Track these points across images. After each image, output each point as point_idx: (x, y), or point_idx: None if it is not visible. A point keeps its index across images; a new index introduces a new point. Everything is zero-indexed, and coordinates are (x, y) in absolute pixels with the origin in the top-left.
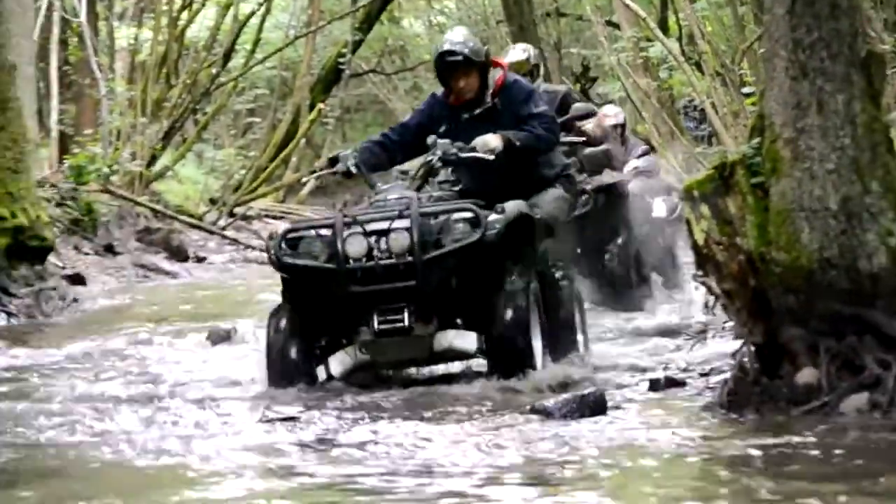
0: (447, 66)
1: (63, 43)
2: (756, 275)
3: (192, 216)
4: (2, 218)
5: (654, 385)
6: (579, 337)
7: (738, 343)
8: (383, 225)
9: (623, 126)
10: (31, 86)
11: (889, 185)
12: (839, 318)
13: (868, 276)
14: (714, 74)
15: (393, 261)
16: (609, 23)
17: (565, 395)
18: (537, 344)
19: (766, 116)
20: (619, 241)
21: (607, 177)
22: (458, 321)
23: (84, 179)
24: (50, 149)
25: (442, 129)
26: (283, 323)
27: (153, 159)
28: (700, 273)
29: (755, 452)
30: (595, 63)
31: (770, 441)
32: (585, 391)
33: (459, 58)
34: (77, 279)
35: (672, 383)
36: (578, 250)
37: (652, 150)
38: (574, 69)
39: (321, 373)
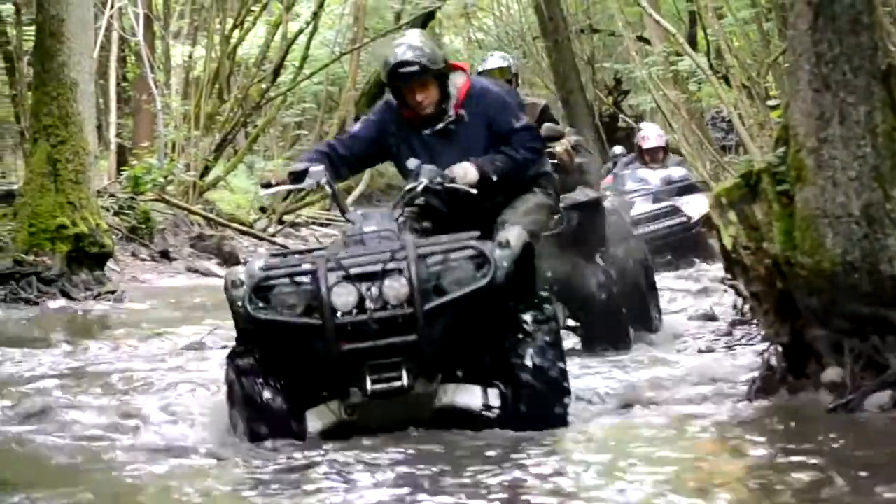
0: (401, 78)
1: (121, 60)
2: (782, 278)
3: (243, 223)
4: (64, 226)
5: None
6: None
7: (766, 344)
8: (373, 268)
9: (665, 149)
10: (91, 101)
11: None
12: (862, 319)
13: (889, 279)
14: (741, 87)
15: (389, 312)
16: (640, 38)
17: None
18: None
19: (791, 127)
20: (599, 261)
21: (580, 194)
22: (459, 373)
23: (141, 189)
24: (109, 160)
25: (397, 146)
26: (256, 369)
27: (206, 170)
28: (729, 276)
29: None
30: (627, 76)
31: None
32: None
33: (415, 68)
34: (134, 284)
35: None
36: (549, 274)
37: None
38: (607, 83)
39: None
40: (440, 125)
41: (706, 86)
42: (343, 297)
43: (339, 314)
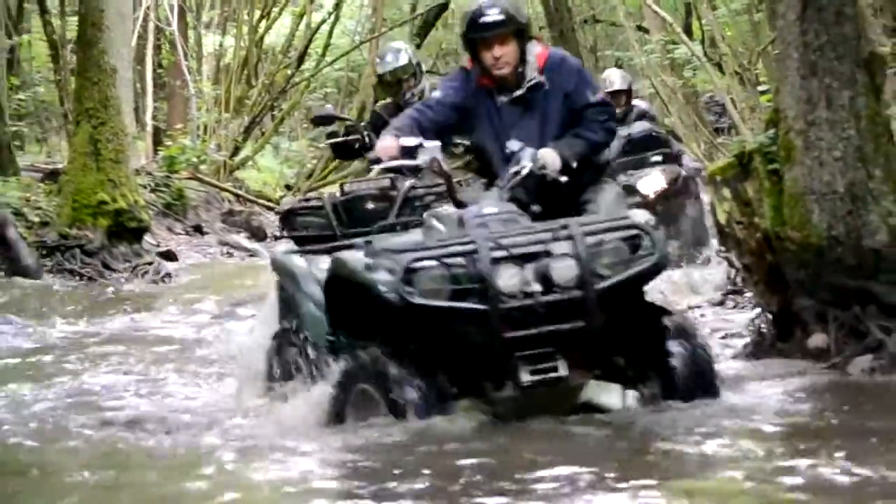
0: (484, 28)
1: (157, 49)
2: (772, 251)
3: (270, 200)
4: (104, 202)
5: None
6: None
7: (757, 311)
8: (535, 248)
9: (627, 91)
10: (129, 86)
11: (890, 171)
12: (845, 290)
13: (871, 252)
14: (733, 73)
15: (556, 296)
16: (639, 28)
17: None
18: None
19: (780, 111)
20: None
21: None
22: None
23: (175, 168)
24: (146, 141)
25: (472, 114)
26: (391, 365)
27: (236, 150)
28: (723, 249)
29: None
30: (627, 63)
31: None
32: None
33: (500, 17)
34: (169, 256)
35: None
36: None
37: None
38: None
39: None
40: (518, 92)
41: (701, 72)
42: (507, 279)
43: (503, 298)
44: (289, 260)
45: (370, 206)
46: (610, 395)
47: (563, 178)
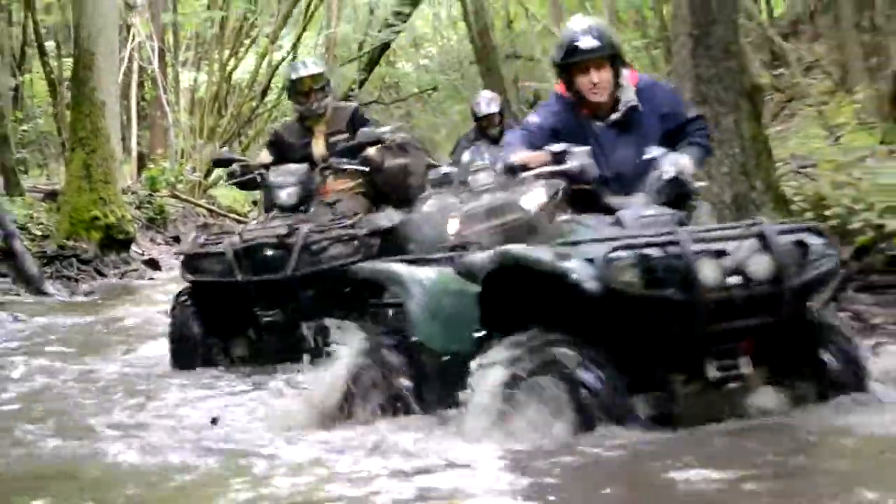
0: (581, 54)
1: (140, 85)
2: None
3: (239, 214)
4: (96, 218)
5: None
6: None
7: None
8: (727, 245)
9: (500, 114)
10: (116, 118)
11: (769, 183)
12: None
13: None
14: None
15: (752, 290)
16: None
17: None
18: None
19: None
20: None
21: (384, 219)
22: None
23: (157, 187)
24: (131, 165)
25: (570, 138)
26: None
27: (209, 172)
28: None
29: None
30: (545, 93)
31: None
32: None
33: (597, 43)
34: (152, 263)
35: None
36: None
37: None
38: (528, 98)
39: None
40: (615, 116)
41: None
42: (710, 272)
43: (707, 290)
44: (395, 269)
45: (269, 253)
46: (766, 398)
47: (699, 184)
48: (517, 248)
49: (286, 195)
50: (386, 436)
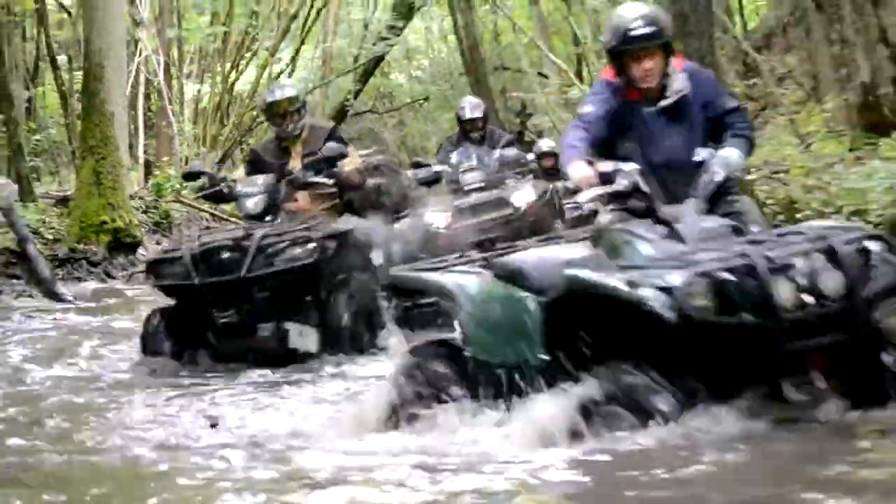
0: (634, 41)
1: (147, 96)
2: None
3: (240, 218)
4: (105, 222)
5: None
6: None
7: None
8: (797, 261)
9: (483, 118)
10: (124, 127)
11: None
12: None
13: None
14: None
15: (825, 308)
16: (540, 74)
17: None
18: None
19: None
20: (349, 291)
21: (342, 223)
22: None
23: (162, 193)
24: (138, 172)
25: (619, 125)
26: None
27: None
28: None
29: None
30: (531, 103)
31: None
32: None
33: (651, 29)
34: None
35: None
36: (308, 298)
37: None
38: (515, 108)
39: None
40: (665, 102)
41: None
42: (785, 292)
43: (784, 312)
44: (436, 277)
45: (225, 255)
46: (832, 406)
47: (746, 176)
48: (586, 274)
49: (252, 203)
50: (436, 445)
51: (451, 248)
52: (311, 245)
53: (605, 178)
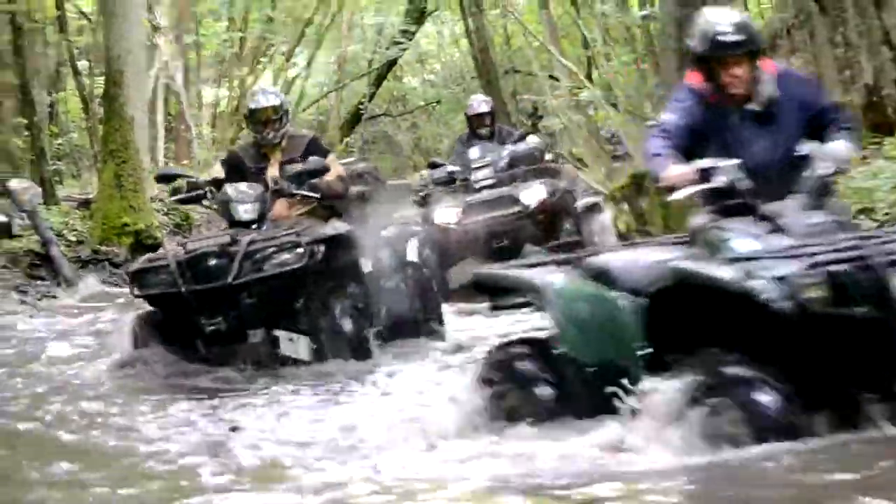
0: (725, 48)
1: (166, 100)
2: None
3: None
4: (127, 224)
5: None
6: None
7: None
8: None
9: (490, 114)
10: (144, 131)
11: None
12: None
13: None
14: (626, 111)
15: None
16: (551, 76)
17: None
18: None
19: None
20: (348, 296)
21: (329, 228)
22: None
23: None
24: None
25: (706, 131)
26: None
27: None
28: None
29: None
30: (541, 105)
31: None
32: None
33: (742, 37)
34: None
35: None
36: (298, 304)
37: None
38: (526, 110)
39: None
40: (752, 107)
41: (600, 111)
42: None
43: None
44: (525, 274)
45: (212, 262)
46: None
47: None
48: (694, 265)
49: (244, 210)
50: (523, 453)
51: (460, 244)
52: (300, 250)
53: (704, 176)
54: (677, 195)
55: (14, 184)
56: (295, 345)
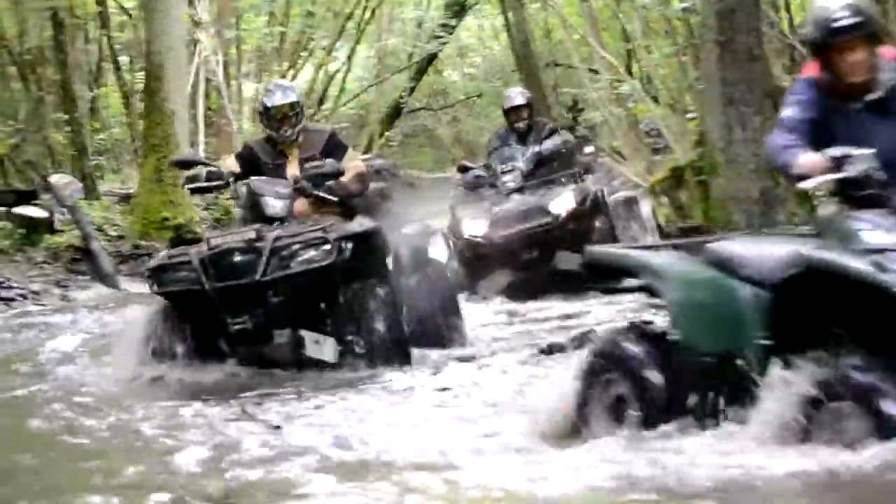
0: (841, 32)
1: (206, 95)
2: None
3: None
4: (167, 219)
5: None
6: None
7: None
8: None
9: (528, 106)
10: (184, 126)
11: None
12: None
13: None
14: (666, 104)
15: None
16: (591, 69)
17: None
18: None
19: (705, 133)
20: (382, 295)
21: (356, 224)
22: None
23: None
24: None
25: (826, 124)
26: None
27: None
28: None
29: None
30: (582, 98)
31: None
32: None
33: (858, 19)
34: None
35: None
36: (323, 306)
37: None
38: (567, 103)
39: None
40: (874, 96)
41: (641, 104)
42: None
43: None
44: (643, 255)
45: (238, 258)
46: None
47: None
48: (827, 254)
49: (278, 205)
50: (631, 456)
51: (490, 257)
52: (327, 246)
53: (837, 164)
54: (809, 183)
55: (55, 179)
56: (321, 346)
